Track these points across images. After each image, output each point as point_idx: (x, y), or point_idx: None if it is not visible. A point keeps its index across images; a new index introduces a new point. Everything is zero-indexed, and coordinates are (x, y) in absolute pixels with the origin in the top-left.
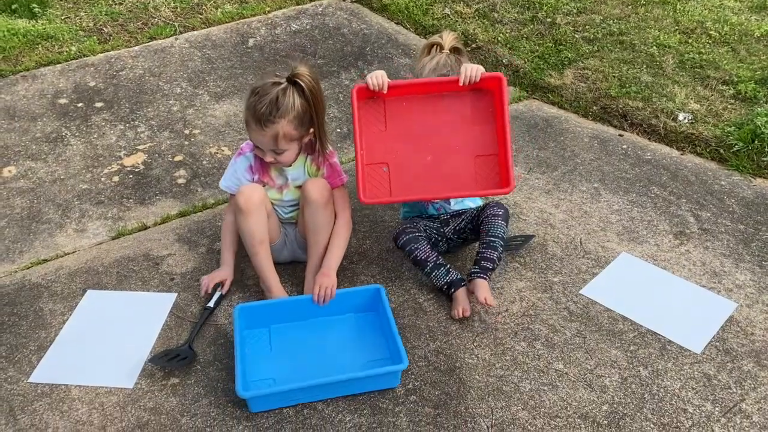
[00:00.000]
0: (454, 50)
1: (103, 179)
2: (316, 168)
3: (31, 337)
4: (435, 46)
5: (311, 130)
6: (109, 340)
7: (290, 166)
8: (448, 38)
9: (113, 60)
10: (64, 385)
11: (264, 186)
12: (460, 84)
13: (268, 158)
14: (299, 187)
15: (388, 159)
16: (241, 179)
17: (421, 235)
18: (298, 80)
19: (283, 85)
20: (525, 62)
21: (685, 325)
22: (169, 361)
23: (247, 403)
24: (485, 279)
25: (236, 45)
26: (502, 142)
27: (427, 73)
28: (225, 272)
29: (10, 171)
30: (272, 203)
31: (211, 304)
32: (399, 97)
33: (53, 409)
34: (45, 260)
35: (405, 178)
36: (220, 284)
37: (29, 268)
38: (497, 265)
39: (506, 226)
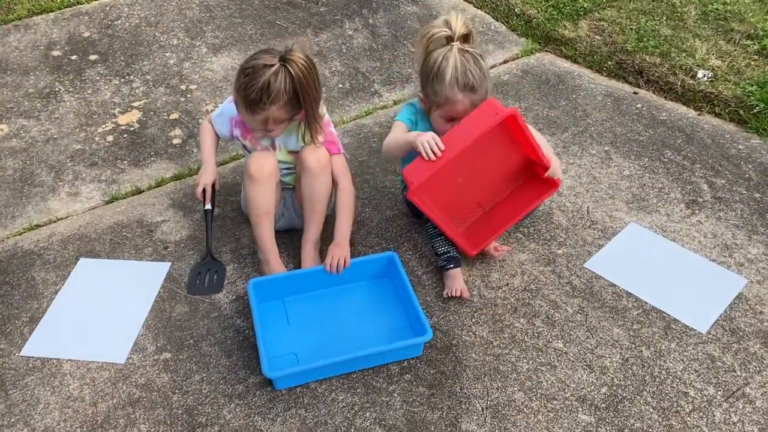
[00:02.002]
0: (464, 37)
1: (97, 139)
2: (310, 136)
3: (23, 307)
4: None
5: (302, 110)
6: (101, 312)
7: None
8: (457, 25)
9: (108, 8)
10: (55, 359)
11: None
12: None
13: (257, 133)
14: (292, 152)
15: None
16: (223, 127)
17: None
18: (289, 65)
19: (274, 68)
20: (538, 12)
21: (691, 302)
22: (207, 285)
23: (272, 382)
24: None
25: None
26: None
27: (450, 78)
28: (211, 171)
29: (2, 129)
30: None
31: (208, 206)
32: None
33: (45, 384)
34: (38, 225)
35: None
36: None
37: (21, 234)
38: None
39: None
